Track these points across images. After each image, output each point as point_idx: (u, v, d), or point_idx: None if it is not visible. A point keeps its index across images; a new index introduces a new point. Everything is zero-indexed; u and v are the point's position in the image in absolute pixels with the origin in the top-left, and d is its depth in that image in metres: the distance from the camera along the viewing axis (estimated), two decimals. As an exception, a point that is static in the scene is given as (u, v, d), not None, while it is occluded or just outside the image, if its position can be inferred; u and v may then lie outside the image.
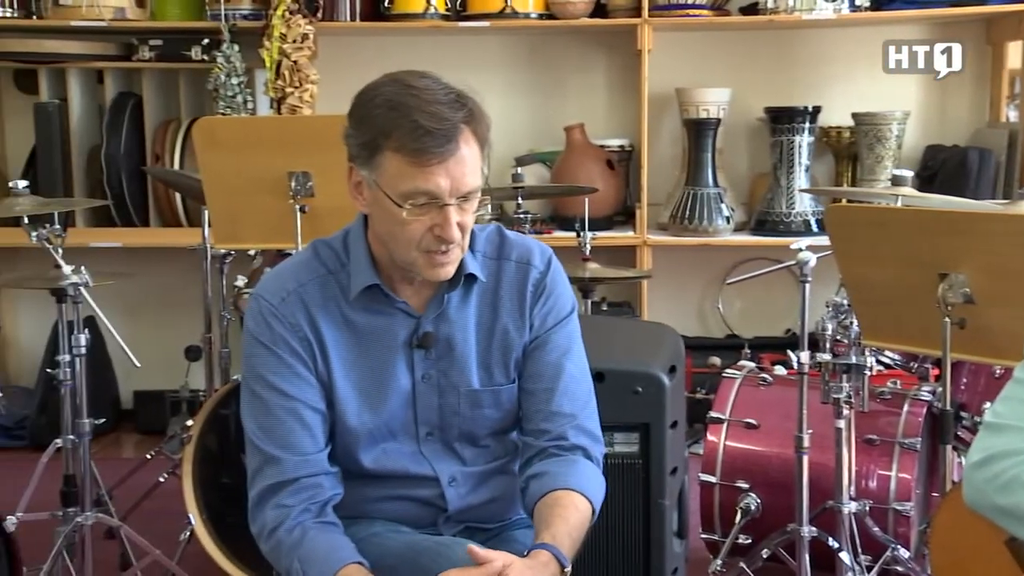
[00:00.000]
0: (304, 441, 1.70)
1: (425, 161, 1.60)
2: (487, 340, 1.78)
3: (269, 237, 2.96)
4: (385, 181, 1.63)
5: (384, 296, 1.74)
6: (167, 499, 3.36)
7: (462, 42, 4.42)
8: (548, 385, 1.77)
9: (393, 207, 1.63)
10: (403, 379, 1.76)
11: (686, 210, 4.16)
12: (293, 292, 1.72)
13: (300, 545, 1.65)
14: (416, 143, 1.59)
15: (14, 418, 4.29)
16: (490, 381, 1.78)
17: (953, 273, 2.29)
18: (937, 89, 4.44)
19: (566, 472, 1.72)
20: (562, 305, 1.81)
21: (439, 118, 1.59)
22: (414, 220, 1.63)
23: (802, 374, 2.63)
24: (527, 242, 1.83)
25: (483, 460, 1.82)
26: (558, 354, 1.79)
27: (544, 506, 1.68)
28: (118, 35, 4.35)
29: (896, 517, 2.78)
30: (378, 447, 1.76)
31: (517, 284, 1.78)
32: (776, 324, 4.54)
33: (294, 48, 4.05)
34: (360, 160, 1.66)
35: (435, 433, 1.79)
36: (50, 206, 3.06)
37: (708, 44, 4.50)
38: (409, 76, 1.65)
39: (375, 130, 1.62)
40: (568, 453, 1.75)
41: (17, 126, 4.56)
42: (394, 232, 1.66)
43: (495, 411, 1.79)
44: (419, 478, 1.78)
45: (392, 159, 1.61)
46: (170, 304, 4.54)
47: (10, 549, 2.57)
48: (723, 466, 2.93)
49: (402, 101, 1.60)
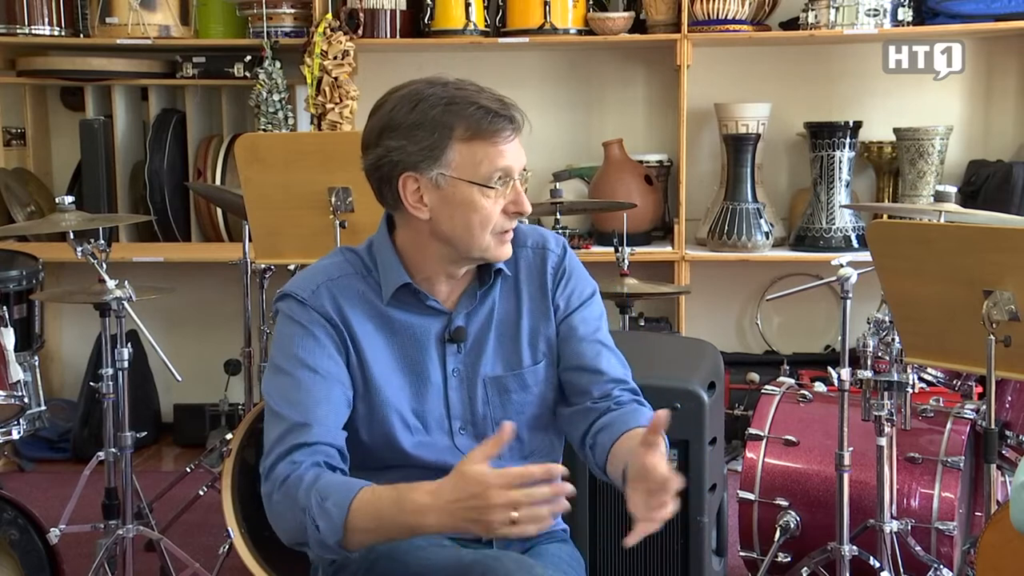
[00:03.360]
0: (329, 416, 1.71)
1: (501, 139, 1.69)
2: (511, 327, 1.82)
3: (309, 252, 2.97)
4: (463, 171, 1.69)
5: (415, 296, 1.78)
6: (206, 512, 3.39)
7: (501, 58, 4.44)
8: (592, 359, 1.82)
9: (475, 192, 1.69)
10: (435, 374, 1.79)
11: (725, 225, 4.14)
12: (322, 285, 1.76)
13: (317, 480, 1.62)
14: (489, 124, 1.68)
15: (57, 431, 4.34)
16: (513, 366, 1.81)
17: (998, 290, 2.27)
18: (981, 104, 4.40)
19: (632, 416, 1.76)
20: (584, 286, 1.87)
21: (499, 101, 1.70)
22: (495, 200, 1.70)
23: (843, 391, 2.61)
24: (539, 230, 1.90)
25: (519, 455, 1.82)
26: (591, 330, 1.84)
27: (622, 443, 1.69)
28: (162, 52, 4.41)
29: (939, 536, 2.75)
30: (414, 438, 1.78)
31: (536, 268, 1.84)
32: (815, 340, 4.50)
33: (335, 65, 4.09)
34: (424, 165, 1.69)
35: (468, 428, 1.81)
36: (95, 221, 3.10)
37: (748, 59, 4.48)
38: (436, 79, 1.73)
39: (436, 128, 1.68)
40: (626, 405, 1.80)
41: (63, 142, 4.63)
42: (470, 222, 1.71)
43: (523, 395, 1.82)
44: None
45: (463, 148, 1.68)
46: (210, 318, 4.58)
47: (53, 561, 2.59)
48: (762, 483, 2.91)
49: (455, 96, 1.69)
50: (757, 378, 4.11)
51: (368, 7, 4.20)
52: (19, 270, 3.66)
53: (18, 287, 3.64)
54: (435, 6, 4.20)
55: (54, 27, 4.32)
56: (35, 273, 3.72)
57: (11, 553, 2.56)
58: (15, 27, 4.27)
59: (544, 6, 4.13)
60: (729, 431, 3.51)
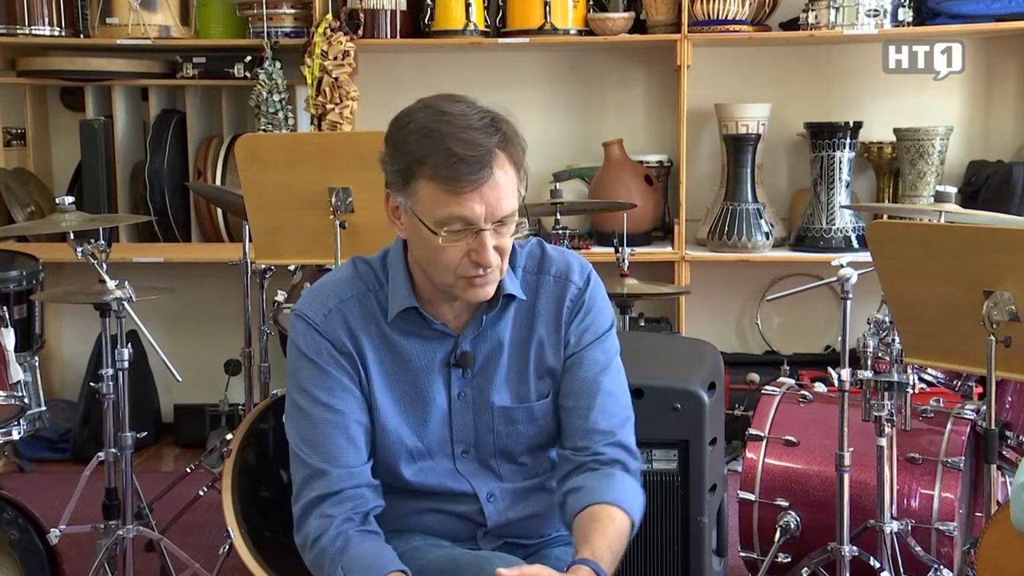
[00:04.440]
0: (349, 454, 1.71)
1: (459, 188, 1.60)
2: (522, 356, 1.78)
3: (309, 252, 2.98)
4: (420, 208, 1.64)
5: (422, 318, 1.75)
6: (207, 512, 3.39)
7: (501, 59, 4.43)
8: (585, 403, 1.77)
9: (429, 234, 1.64)
10: (440, 398, 1.76)
11: (725, 226, 4.14)
12: (334, 308, 1.74)
13: (343, 553, 1.66)
14: (449, 170, 1.59)
15: (57, 431, 4.34)
16: (523, 398, 1.78)
17: (998, 290, 2.26)
18: (981, 104, 4.40)
19: (604, 486, 1.71)
20: (601, 322, 1.80)
21: (472, 144, 1.59)
22: (450, 246, 1.63)
23: (843, 391, 2.61)
24: (567, 257, 1.82)
25: (521, 477, 1.82)
26: (595, 371, 1.78)
27: (583, 520, 1.68)
28: (162, 53, 4.41)
29: (939, 537, 2.74)
30: (416, 464, 1.77)
31: (555, 299, 1.78)
32: (815, 341, 4.50)
33: (335, 65, 4.09)
34: (396, 187, 1.67)
35: (470, 452, 1.79)
36: (95, 222, 3.10)
37: (748, 59, 4.48)
38: (443, 101, 1.65)
39: (409, 157, 1.62)
40: (605, 467, 1.75)
41: (63, 143, 4.63)
42: (431, 258, 1.67)
43: (529, 427, 1.79)
44: (458, 494, 1.79)
45: (426, 186, 1.62)
46: (210, 318, 4.58)
47: (53, 561, 2.59)
48: (762, 484, 2.91)
49: (435, 128, 1.60)
50: (757, 378, 4.11)
51: (368, 7, 4.20)
52: (19, 270, 3.66)
53: (18, 287, 3.63)
54: (435, 6, 4.20)
55: (54, 27, 4.32)
56: (35, 273, 3.72)
57: (11, 553, 2.56)
58: (15, 27, 4.27)
59: (544, 6, 4.13)
60: (729, 431, 3.51)
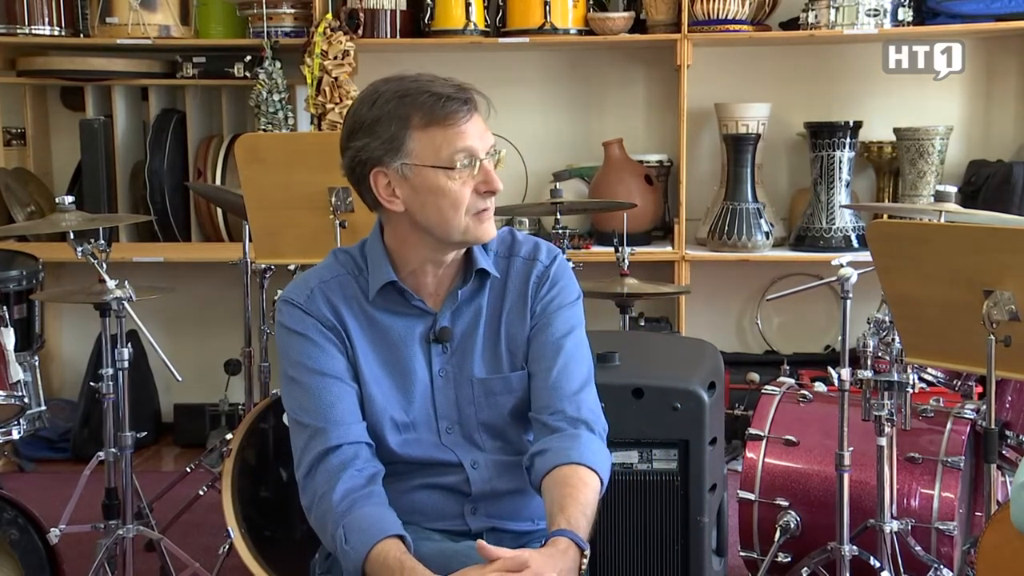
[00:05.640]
0: (345, 413, 1.78)
1: (455, 121, 1.71)
2: (495, 330, 1.85)
3: (309, 252, 2.98)
4: (424, 157, 1.72)
5: (401, 296, 1.81)
6: (207, 512, 3.39)
7: (502, 58, 4.44)
8: (548, 364, 1.82)
9: (440, 175, 1.72)
10: (422, 373, 1.82)
11: (725, 225, 4.14)
12: (316, 288, 1.82)
13: (347, 514, 1.70)
14: (441, 109, 1.71)
15: (57, 431, 4.34)
16: (499, 369, 1.84)
17: (998, 290, 2.26)
18: (981, 104, 4.40)
19: (570, 446, 1.75)
20: (565, 295, 1.87)
21: (451, 85, 1.73)
22: (462, 181, 1.72)
23: (843, 391, 2.61)
24: (536, 241, 1.91)
25: (504, 452, 1.85)
26: (558, 335, 1.84)
27: (553, 484, 1.71)
28: (162, 52, 4.41)
29: (939, 536, 2.74)
30: (402, 435, 1.82)
31: (522, 276, 1.86)
32: (815, 340, 4.50)
33: (335, 65, 4.09)
34: (388, 158, 1.74)
35: (454, 428, 1.84)
36: (95, 221, 3.09)
37: (748, 59, 4.48)
38: (394, 76, 1.77)
39: (393, 121, 1.72)
40: (570, 427, 1.79)
41: (63, 142, 4.63)
42: (442, 206, 1.74)
43: (508, 397, 1.84)
44: (444, 464, 1.82)
45: (421, 136, 1.72)
46: (210, 318, 4.58)
47: (53, 561, 2.59)
48: (762, 483, 2.91)
49: (407, 89, 1.72)
50: (757, 378, 4.11)
51: (368, 7, 4.20)
52: (19, 270, 3.67)
53: (18, 287, 3.64)
54: (435, 6, 4.20)
55: (54, 27, 4.32)
56: (35, 273, 3.72)
57: (11, 553, 2.56)
58: (15, 27, 4.27)
59: (544, 6, 4.13)
60: (729, 431, 3.50)
